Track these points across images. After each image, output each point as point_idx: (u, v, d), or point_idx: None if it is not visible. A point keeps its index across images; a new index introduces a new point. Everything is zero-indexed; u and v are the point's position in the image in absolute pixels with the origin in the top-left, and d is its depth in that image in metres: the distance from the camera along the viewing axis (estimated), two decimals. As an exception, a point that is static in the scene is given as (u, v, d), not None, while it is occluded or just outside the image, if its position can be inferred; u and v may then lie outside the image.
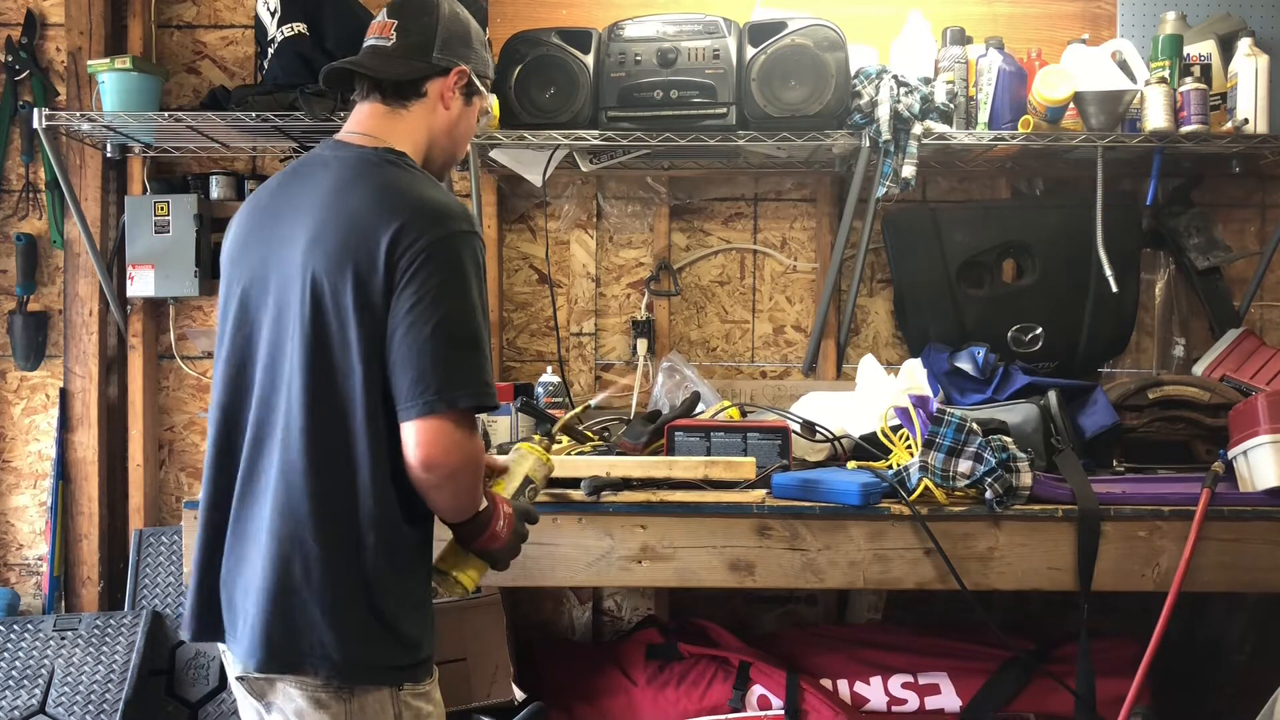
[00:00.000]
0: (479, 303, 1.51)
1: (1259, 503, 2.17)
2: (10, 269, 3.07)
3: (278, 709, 1.55)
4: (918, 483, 2.14)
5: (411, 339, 1.45)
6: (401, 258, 1.47)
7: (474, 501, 1.58)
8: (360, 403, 1.49)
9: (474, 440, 1.50)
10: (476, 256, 1.52)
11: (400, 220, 1.48)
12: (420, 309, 1.46)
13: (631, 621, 3.12)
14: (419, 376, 1.45)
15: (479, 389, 1.48)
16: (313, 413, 1.50)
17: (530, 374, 3.10)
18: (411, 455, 1.47)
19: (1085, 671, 2.24)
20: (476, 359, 1.49)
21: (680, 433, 2.34)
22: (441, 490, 1.51)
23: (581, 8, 3.04)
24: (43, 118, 2.73)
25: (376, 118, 1.65)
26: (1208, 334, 3.03)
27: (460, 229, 1.51)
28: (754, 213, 3.17)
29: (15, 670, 2.76)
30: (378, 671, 1.52)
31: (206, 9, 3.13)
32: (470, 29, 1.72)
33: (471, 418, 1.50)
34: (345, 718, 1.51)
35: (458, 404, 1.46)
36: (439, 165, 1.73)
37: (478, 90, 1.73)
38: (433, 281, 1.46)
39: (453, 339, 1.47)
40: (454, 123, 1.70)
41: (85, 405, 3.04)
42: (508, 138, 2.67)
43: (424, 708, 1.58)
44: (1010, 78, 2.69)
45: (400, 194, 1.53)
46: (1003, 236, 2.97)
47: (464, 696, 2.61)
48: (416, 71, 1.65)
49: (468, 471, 1.51)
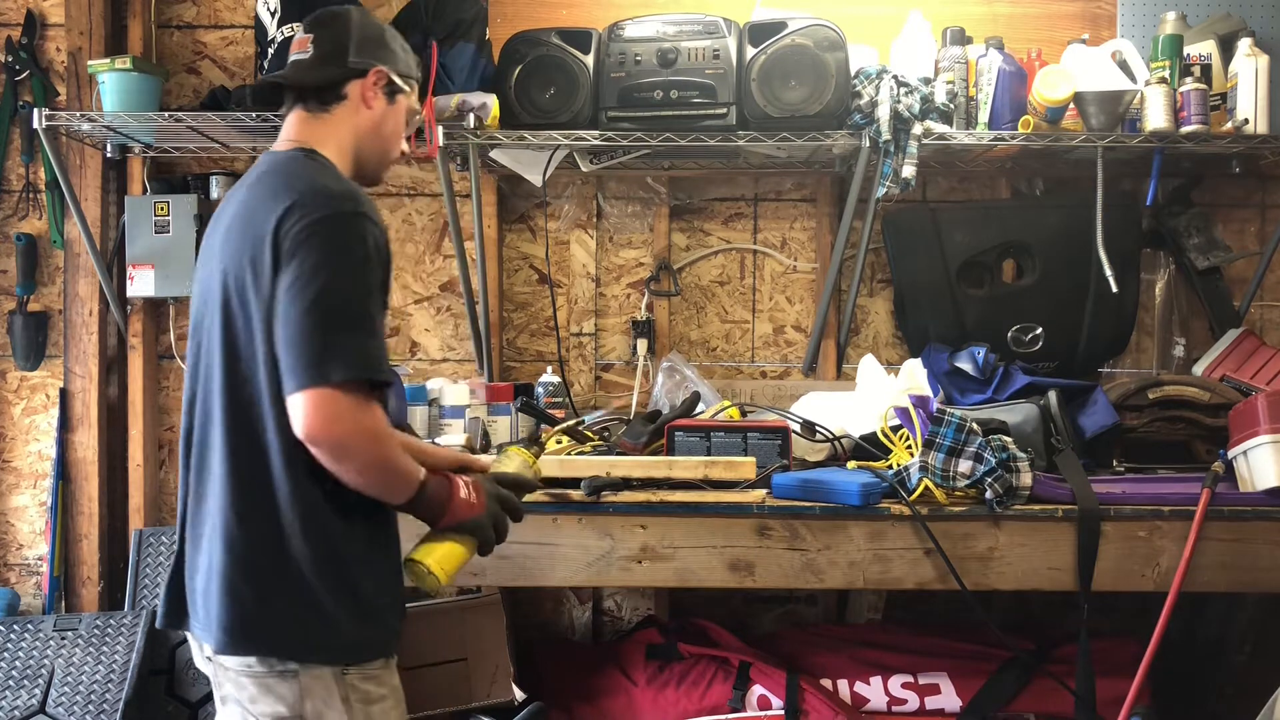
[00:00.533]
0: (362, 280, 1.54)
1: (1259, 503, 2.17)
2: (10, 269, 3.07)
3: (233, 700, 1.61)
4: (918, 483, 2.14)
5: (289, 316, 1.50)
6: (285, 238, 1.53)
7: (391, 476, 1.59)
8: (265, 388, 1.55)
9: (363, 413, 1.51)
10: (362, 235, 1.55)
11: (288, 203, 1.55)
12: (298, 286, 1.51)
13: (631, 621, 3.12)
14: (296, 352, 1.50)
15: (358, 361, 1.50)
16: (229, 402, 1.58)
17: (530, 374, 3.10)
18: (296, 430, 1.50)
19: (1085, 671, 2.24)
20: (356, 334, 1.52)
21: (680, 433, 2.34)
22: (342, 465, 1.53)
23: (581, 8, 3.04)
24: (43, 118, 2.73)
25: (301, 124, 1.74)
26: (1208, 334, 3.03)
27: (343, 209, 1.56)
28: (754, 213, 3.17)
29: (15, 670, 2.76)
30: (314, 651, 1.57)
31: (206, 9, 3.13)
32: (385, 32, 1.80)
33: (357, 391, 1.51)
34: (294, 700, 1.56)
35: (331, 377, 1.48)
36: (372, 165, 1.80)
37: (401, 90, 1.79)
38: (311, 259, 1.51)
39: (329, 314, 1.50)
40: (378, 122, 1.77)
41: (85, 405, 3.04)
42: (508, 138, 2.67)
43: (373, 690, 1.61)
44: (1010, 78, 2.69)
45: (293, 181, 1.60)
46: (1003, 236, 2.97)
47: (464, 696, 2.61)
48: (334, 76, 1.73)
49: (360, 443, 1.52)
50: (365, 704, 1.60)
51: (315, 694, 1.57)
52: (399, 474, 1.59)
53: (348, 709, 1.57)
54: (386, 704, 1.63)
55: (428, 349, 3.18)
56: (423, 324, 3.18)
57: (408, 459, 1.60)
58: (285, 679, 1.57)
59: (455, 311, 3.16)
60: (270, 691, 1.57)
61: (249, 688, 1.58)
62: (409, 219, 3.17)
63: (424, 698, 2.60)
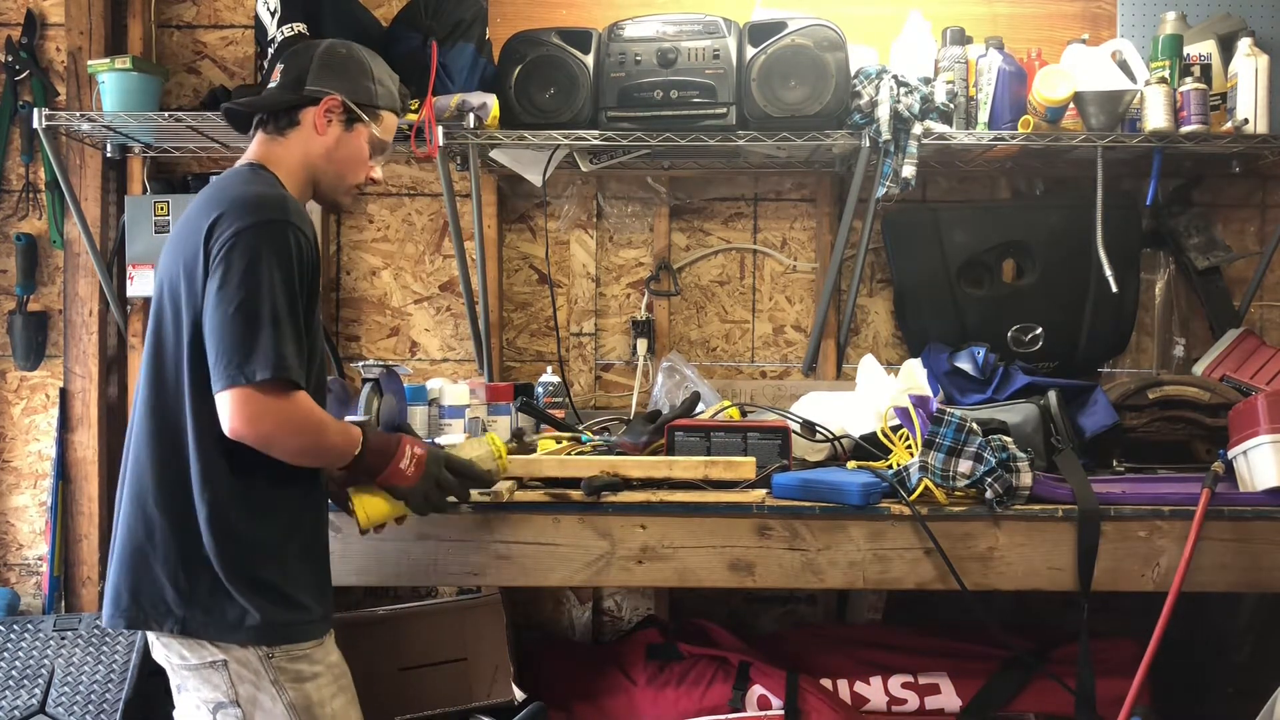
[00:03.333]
0: (285, 285, 1.65)
1: (1259, 503, 2.16)
2: (10, 269, 3.07)
3: (184, 689, 1.76)
4: (918, 483, 2.14)
5: (216, 319, 1.63)
6: (213, 246, 1.66)
7: (322, 456, 1.75)
8: (187, 380, 1.68)
9: (285, 407, 1.64)
10: (280, 242, 1.66)
11: (218, 212, 1.67)
12: (225, 291, 1.63)
13: (631, 621, 3.12)
14: (221, 353, 1.62)
15: (275, 362, 1.62)
16: (152, 391, 1.72)
17: (530, 374, 3.10)
18: (224, 427, 1.63)
19: (1085, 671, 2.23)
20: (275, 336, 1.62)
21: (680, 432, 2.33)
22: (272, 451, 1.67)
23: (581, 8, 3.04)
24: (43, 118, 2.73)
25: (260, 145, 1.87)
26: (1208, 334, 3.03)
27: (268, 218, 1.67)
28: (754, 213, 3.17)
29: (15, 670, 2.76)
30: (233, 630, 1.68)
31: (206, 9, 3.13)
32: (350, 63, 1.88)
33: (277, 388, 1.63)
34: (227, 686, 1.70)
35: (255, 377, 1.61)
36: (327, 188, 1.90)
37: (360, 119, 1.87)
38: (236, 266, 1.63)
39: (251, 318, 1.62)
40: (331, 148, 1.86)
41: (85, 405, 3.04)
42: (508, 138, 2.67)
43: (305, 669, 1.73)
44: (1010, 78, 2.69)
45: (226, 191, 1.73)
46: (1003, 236, 2.97)
47: (464, 696, 2.61)
48: (289, 102, 1.84)
49: (284, 436, 1.66)
50: (297, 682, 1.72)
51: (244, 679, 1.70)
52: (329, 452, 1.75)
53: (278, 689, 1.70)
54: (320, 680, 1.75)
55: (428, 349, 3.18)
56: (423, 324, 3.18)
57: (336, 436, 1.74)
58: (216, 669, 1.70)
59: (455, 311, 3.16)
60: (206, 681, 1.71)
61: (190, 678, 1.73)
62: (409, 219, 3.17)
63: (424, 698, 2.60)
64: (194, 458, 1.68)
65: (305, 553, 1.79)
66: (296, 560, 1.76)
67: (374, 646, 2.58)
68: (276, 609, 1.70)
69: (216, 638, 1.69)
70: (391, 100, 1.94)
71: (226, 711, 1.70)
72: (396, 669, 2.59)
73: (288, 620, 1.72)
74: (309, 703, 1.72)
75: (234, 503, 1.69)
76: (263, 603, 1.69)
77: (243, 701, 1.70)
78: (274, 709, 1.70)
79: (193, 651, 1.70)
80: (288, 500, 1.76)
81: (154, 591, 1.69)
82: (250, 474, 1.69)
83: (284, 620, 1.71)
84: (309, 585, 1.77)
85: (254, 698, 1.70)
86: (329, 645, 1.80)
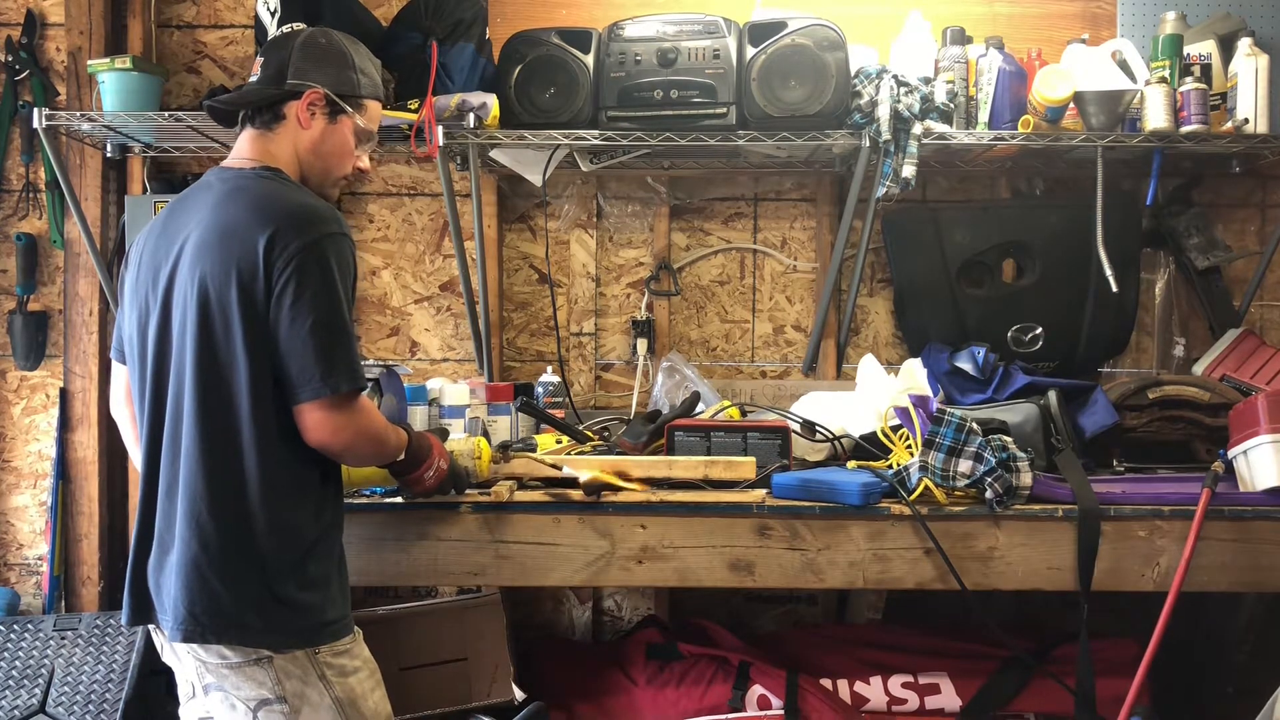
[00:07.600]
0: (345, 296, 1.72)
1: (1259, 503, 2.16)
2: (10, 269, 3.07)
3: (215, 688, 1.72)
4: (918, 482, 2.14)
5: (294, 334, 1.66)
6: (278, 260, 1.66)
7: (379, 459, 1.86)
8: (246, 392, 1.68)
9: (360, 416, 1.73)
10: (343, 255, 1.72)
11: (274, 226, 1.67)
12: (299, 307, 1.66)
13: (631, 621, 3.12)
14: (305, 367, 1.66)
15: (353, 373, 1.70)
16: (203, 404, 1.69)
17: (530, 374, 3.10)
18: (307, 437, 1.69)
19: (1085, 671, 2.23)
20: (348, 348, 1.70)
21: (680, 432, 2.34)
22: (346, 457, 1.77)
23: (581, 8, 3.04)
24: (43, 118, 2.73)
25: (250, 142, 1.85)
26: (1208, 334, 3.03)
27: (328, 231, 1.71)
28: (754, 213, 3.17)
29: (15, 670, 2.76)
30: (286, 636, 1.70)
31: (206, 9, 3.13)
32: (330, 53, 1.87)
33: (352, 397, 1.71)
34: (273, 683, 1.69)
35: (339, 389, 1.67)
36: (316, 182, 1.89)
37: (343, 110, 1.86)
38: (307, 282, 1.66)
39: (329, 333, 1.67)
40: (317, 141, 1.85)
41: (85, 405, 3.04)
42: (508, 138, 2.67)
43: (347, 664, 1.76)
44: (1010, 78, 2.69)
45: (272, 202, 1.72)
46: (1003, 236, 2.97)
47: (464, 696, 2.61)
48: (272, 97, 1.83)
49: (360, 443, 1.75)
50: (342, 677, 1.74)
51: (293, 675, 1.70)
52: (388, 457, 1.87)
53: (325, 685, 1.72)
54: (361, 674, 1.78)
55: (428, 349, 3.18)
56: (423, 324, 3.18)
57: (394, 441, 1.86)
58: (261, 665, 1.69)
59: (455, 311, 3.16)
60: (250, 679, 1.70)
61: (230, 676, 1.70)
62: (409, 219, 3.17)
63: (424, 698, 2.60)
64: (254, 465, 1.68)
65: (338, 548, 1.84)
66: (340, 558, 1.82)
67: (374, 646, 2.55)
68: (325, 607, 1.74)
69: (269, 640, 1.69)
70: (375, 88, 1.93)
71: (271, 708, 1.70)
72: (397, 669, 2.58)
73: (335, 617, 1.75)
74: (353, 696, 1.75)
75: (294, 506, 1.72)
76: (314, 602, 1.72)
77: (290, 697, 1.70)
78: (321, 703, 1.71)
79: (235, 650, 1.70)
80: (329, 499, 1.80)
81: (211, 604, 1.68)
82: (303, 477, 1.74)
83: (332, 617, 1.75)
84: (345, 582, 1.83)
85: (301, 693, 1.71)
86: (360, 639, 1.83)
